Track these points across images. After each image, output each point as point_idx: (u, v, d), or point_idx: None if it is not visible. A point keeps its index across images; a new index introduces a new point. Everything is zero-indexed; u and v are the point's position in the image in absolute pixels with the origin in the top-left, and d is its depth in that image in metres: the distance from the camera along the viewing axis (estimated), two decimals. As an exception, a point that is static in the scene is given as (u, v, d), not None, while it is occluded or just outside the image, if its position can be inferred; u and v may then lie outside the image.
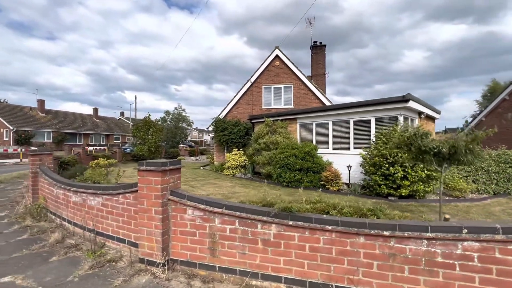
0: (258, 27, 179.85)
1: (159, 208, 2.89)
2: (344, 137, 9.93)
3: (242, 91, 16.26)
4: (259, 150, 11.62)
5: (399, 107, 8.43)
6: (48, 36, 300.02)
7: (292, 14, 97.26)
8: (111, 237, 3.48)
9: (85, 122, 36.18)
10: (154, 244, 2.91)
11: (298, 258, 2.51)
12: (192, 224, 2.89)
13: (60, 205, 4.36)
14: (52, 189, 4.62)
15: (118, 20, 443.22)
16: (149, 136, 15.78)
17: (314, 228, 2.44)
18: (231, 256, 2.74)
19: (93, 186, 3.68)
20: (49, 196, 4.75)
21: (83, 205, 3.86)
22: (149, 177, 2.92)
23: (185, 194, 2.92)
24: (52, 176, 4.66)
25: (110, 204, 3.48)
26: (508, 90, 13.23)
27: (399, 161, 7.08)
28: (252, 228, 2.66)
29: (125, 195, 3.30)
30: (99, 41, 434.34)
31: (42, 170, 5.07)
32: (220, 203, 2.79)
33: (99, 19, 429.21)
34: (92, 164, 7.72)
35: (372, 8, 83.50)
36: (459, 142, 3.75)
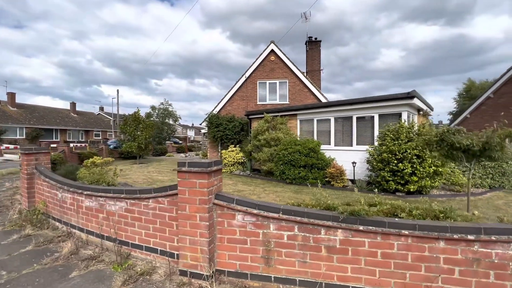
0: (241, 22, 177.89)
1: (205, 214, 2.57)
2: (346, 133, 9.92)
3: (237, 86, 15.86)
4: (258, 147, 11.37)
5: (404, 104, 8.50)
6: (15, 24, 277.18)
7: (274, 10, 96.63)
8: (138, 247, 3.10)
9: (61, 117, 33.87)
10: (198, 255, 2.59)
11: (368, 265, 2.31)
12: (242, 231, 2.60)
13: (67, 210, 3.87)
14: (55, 193, 4.09)
15: (93, 10, 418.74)
16: (139, 132, 14.96)
17: (388, 233, 2.25)
18: (289, 265, 2.49)
19: (113, 189, 3.25)
20: (51, 200, 4.21)
21: (99, 210, 3.42)
22: (192, 179, 2.58)
23: (234, 197, 2.62)
24: (55, 177, 4.12)
25: (137, 210, 3.08)
26: (492, 89, 13.91)
27: (408, 157, 7.14)
28: (314, 234, 2.42)
29: (157, 200, 2.93)
30: (72, 31, 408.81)
31: (40, 171, 4.49)
32: (277, 207, 2.52)
33: (72, 8, 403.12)
34: (87, 163, 7.07)
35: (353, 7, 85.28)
36: (494, 139, 3.74)
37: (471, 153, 4.02)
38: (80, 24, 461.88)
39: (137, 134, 14.81)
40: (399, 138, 7.42)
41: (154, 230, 2.98)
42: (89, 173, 6.48)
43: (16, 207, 4.84)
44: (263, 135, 11.03)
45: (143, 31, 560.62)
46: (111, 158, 7.56)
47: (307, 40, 16.03)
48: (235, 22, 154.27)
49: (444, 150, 4.15)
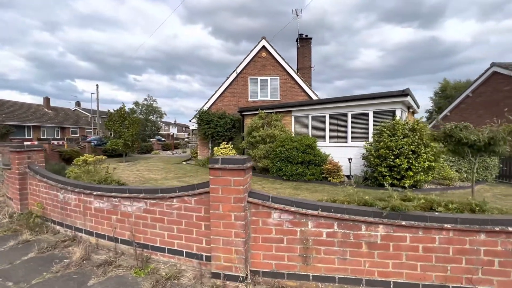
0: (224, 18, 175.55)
1: (241, 213, 2.44)
2: (341, 130, 10.07)
3: (227, 82, 15.61)
4: (253, 144, 11.26)
5: (398, 101, 8.77)
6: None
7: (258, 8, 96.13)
8: (159, 249, 2.91)
9: (34, 113, 31.61)
10: (233, 256, 2.47)
11: (409, 260, 2.31)
12: (278, 230, 2.50)
13: (71, 213, 3.56)
14: (55, 194, 3.75)
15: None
16: (125, 129, 14.29)
17: (430, 227, 2.26)
18: (328, 262, 2.44)
19: (130, 188, 3.01)
20: (50, 202, 3.86)
21: (112, 212, 3.17)
22: (226, 176, 2.44)
23: (269, 195, 2.52)
24: (55, 177, 3.78)
25: (159, 210, 2.89)
26: (471, 88, 14.76)
27: (405, 153, 7.37)
28: (354, 231, 2.39)
29: (182, 199, 2.75)
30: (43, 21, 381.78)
31: (35, 170, 4.10)
32: (315, 204, 2.45)
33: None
34: (78, 162, 6.60)
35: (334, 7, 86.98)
36: (500, 134, 3.92)
37: (476, 148, 4.20)
38: (51, 14, 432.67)
39: (123, 131, 14.15)
40: (396, 134, 7.64)
41: (178, 231, 2.80)
42: (83, 172, 6.07)
43: (4, 210, 4.40)
44: (258, 132, 10.94)
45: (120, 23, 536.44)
46: (103, 156, 7.11)
47: (298, 38, 16.07)
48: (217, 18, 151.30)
49: (451, 145, 4.30)
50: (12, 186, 4.37)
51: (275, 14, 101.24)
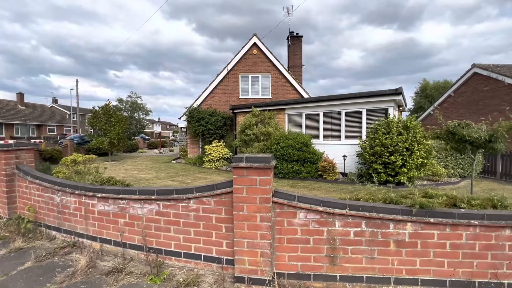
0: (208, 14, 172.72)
1: (267, 214, 2.33)
2: (335, 127, 10.18)
3: (218, 79, 15.33)
4: (247, 142, 11.14)
5: (391, 100, 8.97)
6: None
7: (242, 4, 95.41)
8: (174, 254, 2.73)
9: (6, 109, 29.54)
10: (258, 258, 2.36)
11: (437, 257, 2.31)
12: (304, 230, 2.42)
13: (71, 217, 3.28)
14: (51, 196, 3.44)
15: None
16: (111, 127, 13.67)
17: (457, 224, 2.27)
18: (356, 262, 2.39)
19: (140, 190, 2.81)
20: (44, 205, 3.54)
21: (119, 215, 2.95)
22: (252, 175, 2.32)
23: (295, 194, 2.42)
24: (50, 178, 3.47)
25: (173, 212, 2.71)
26: (453, 88, 15.44)
27: (399, 150, 7.55)
28: (382, 229, 2.35)
29: (200, 200, 2.60)
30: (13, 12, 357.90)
31: (25, 171, 3.75)
32: (343, 203, 2.39)
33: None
34: (66, 161, 6.18)
35: (318, 6, 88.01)
36: (500, 131, 4.07)
37: (476, 145, 4.34)
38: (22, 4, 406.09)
39: (108, 129, 13.52)
40: (390, 132, 7.80)
41: (196, 234, 2.64)
42: (73, 172, 5.71)
43: (-11, 215, 4.00)
44: (252, 130, 10.83)
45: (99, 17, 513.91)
46: (93, 156, 6.71)
47: (289, 36, 16.06)
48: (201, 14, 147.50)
49: (453, 142, 4.43)
50: (-3, 189, 3.98)
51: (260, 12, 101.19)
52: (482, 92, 13.48)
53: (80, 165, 6.27)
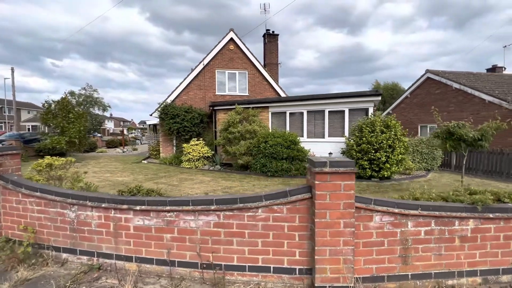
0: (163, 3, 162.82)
1: (350, 219, 2.27)
2: (318, 126, 10.54)
3: (194, 74, 14.59)
4: (230, 140, 10.85)
5: (371, 100, 9.62)
6: None
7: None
8: (237, 268, 2.49)
9: None
10: (341, 266, 2.29)
11: (493, 248, 2.54)
12: (379, 233, 2.42)
13: (93, 235, 2.74)
14: (60, 212, 2.83)
15: None
16: (70, 124, 12.00)
17: (510, 217, 2.52)
18: (425, 260, 2.48)
19: (194, 200, 2.47)
20: (48, 223, 2.90)
21: (165, 230, 2.56)
22: (336, 181, 2.22)
23: (372, 198, 2.40)
24: (60, 190, 2.84)
25: (237, 223, 2.46)
26: (409, 90, 17.27)
27: (384, 147, 8.17)
28: (449, 227, 2.49)
29: (270, 208, 2.40)
30: None
31: (15, 183, 3.01)
32: (415, 203, 2.46)
33: None
34: (40, 166, 5.18)
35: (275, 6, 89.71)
36: (489, 131, 4.67)
37: (467, 143, 4.92)
38: None
39: (67, 126, 11.82)
40: (375, 130, 8.38)
41: (264, 245, 2.44)
42: (50, 178, 4.85)
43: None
44: (237, 128, 10.57)
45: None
46: (72, 158, 5.78)
47: (266, 33, 16.04)
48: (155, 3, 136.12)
49: (451, 141, 4.94)
50: (-28, 206, 3.13)
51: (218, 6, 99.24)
52: (434, 94, 15.36)
53: (60, 170, 5.36)
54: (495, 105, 12.10)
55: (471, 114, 13.32)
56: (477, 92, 12.78)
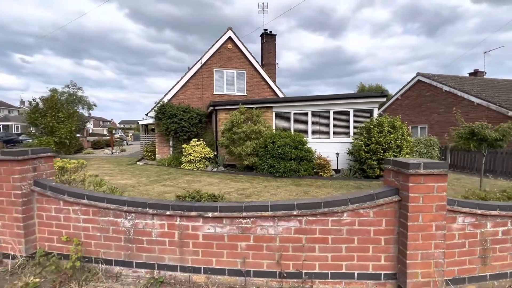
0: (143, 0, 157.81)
1: (442, 222, 2.22)
2: (323, 126, 10.61)
3: (191, 73, 14.21)
4: (234, 140, 10.63)
5: (376, 101, 9.83)
6: None
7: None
8: (319, 276, 2.36)
9: None
10: (432, 269, 2.23)
11: (560, 246, 2.61)
12: (461, 234, 2.40)
13: (153, 245, 2.49)
14: (115, 221, 2.55)
15: None
16: (60, 124, 11.22)
17: None
18: (502, 260, 2.50)
19: (274, 204, 2.31)
20: (99, 233, 2.60)
21: (240, 238, 2.38)
22: (430, 183, 2.17)
23: (455, 199, 2.38)
24: (112, 197, 2.56)
25: (320, 229, 2.33)
26: (401, 92, 17.92)
27: (392, 147, 8.36)
28: (523, 226, 2.52)
29: (356, 212, 2.30)
30: None
31: (54, 188, 2.68)
32: (494, 204, 2.46)
33: None
34: None
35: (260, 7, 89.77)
36: (509, 132, 4.88)
37: (488, 143, 5.13)
38: None
39: (57, 126, 11.03)
40: (383, 130, 8.56)
41: (348, 251, 2.34)
42: (62, 182, 4.48)
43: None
44: (242, 128, 10.38)
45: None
46: (83, 161, 5.36)
47: (264, 33, 15.95)
48: None
49: (474, 141, 5.12)
50: (1, 216, 2.74)
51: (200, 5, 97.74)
52: (425, 96, 16.04)
53: (74, 174, 4.96)
54: (483, 107, 12.83)
55: (460, 114, 14.03)
56: (466, 95, 13.48)
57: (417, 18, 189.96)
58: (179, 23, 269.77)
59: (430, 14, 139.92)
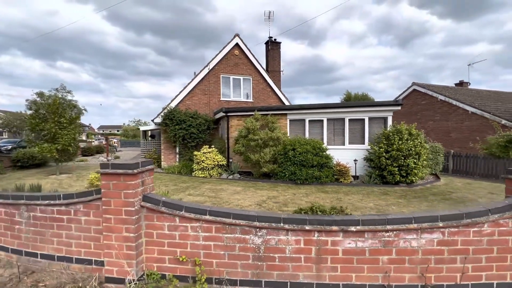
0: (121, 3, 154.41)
1: None
2: (338, 133, 10.80)
3: (198, 79, 13.97)
4: (251, 147, 10.52)
5: (390, 109, 10.20)
6: None
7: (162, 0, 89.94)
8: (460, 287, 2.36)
9: None
10: None
11: None
12: None
13: (285, 263, 2.34)
14: (241, 238, 2.38)
15: None
16: (63, 130, 10.50)
17: None
18: None
19: (418, 216, 2.28)
20: (222, 252, 2.42)
21: (381, 251, 2.32)
22: None
23: None
24: (237, 212, 2.39)
25: (461, 240, 2.33)
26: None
27: (412, 154, 8.69)
28: None
29: (497, 222, 2.33)
30: None
31: (168, 204, 2.47)
32: None
33: None
34: (93, 181, 4.39)
35: (241, 15, 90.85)
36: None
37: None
38: None
39: (59, 132, 10.29)
40: (403, 138, 8.88)
41: (488, 261, 2.36)
42: None
43: (92, 280, 2.44)
44: (258, 135, 10.31)
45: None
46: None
47: (269, 40, 16.10)
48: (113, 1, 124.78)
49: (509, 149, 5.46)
50: (106, 236, 2.47)
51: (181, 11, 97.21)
52: (420, 105, 16.91)
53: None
54: (477, 115, 13.76)
55: (455, 123, 14.96)
56: (461, 104, 14.40)
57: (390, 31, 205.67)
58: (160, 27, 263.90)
59: (402, 28, 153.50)
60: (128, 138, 40.15)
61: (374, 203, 6.77)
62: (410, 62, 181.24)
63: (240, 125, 11.72)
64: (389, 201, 7.00)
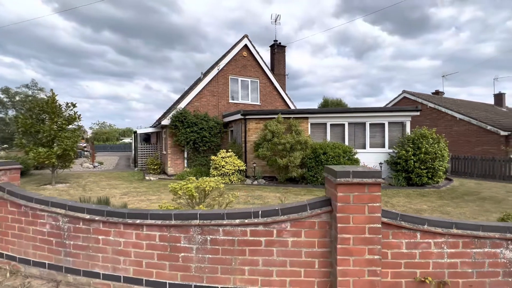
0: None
1: None
2: (359, 137, 11.02)
3: (207, 79, 13.26)
4: (276, 151, 10.17)
5: (409, 115, 10.71)
6: None
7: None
8: None
9: None
10: None
11: None
12: None
13: None
14: (490, 252, 2.10)
15: None
16: (63, 133, 9.04)
17: None
18: None
19: None
20: (468, 270, 2.10)
21: None
22: None
23: None
24: (485, 224, 2.10)
25: None
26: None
27: (439, 156, 9.18)
28: None
29: None
30: None
31: (407, 218, 2.09)
32: None
33: None
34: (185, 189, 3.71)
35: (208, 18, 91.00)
36: None
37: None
38: None
39: (59, 135, 8.82)
40: (429, 142, 9.34)
41: None
42: None
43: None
44: (285, 138, 10.02)
45: None
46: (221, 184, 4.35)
47: (275, 44, 15.97)
48: None
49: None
50: (342, 260, 1.98)
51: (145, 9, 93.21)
52: (410, 111, 18.16)
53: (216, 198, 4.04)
54: (465, 121, 15.21)
55: (444, 128, 16.32)
56: (450, 111, 15.81)
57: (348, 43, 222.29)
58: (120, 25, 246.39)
59: (358, 41, 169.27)
60: (99, 142, 36.49)
61: (424, 205, 6.88)
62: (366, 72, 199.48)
63: (258, 128, 11.31)
64: (435, 203, 7.19)
